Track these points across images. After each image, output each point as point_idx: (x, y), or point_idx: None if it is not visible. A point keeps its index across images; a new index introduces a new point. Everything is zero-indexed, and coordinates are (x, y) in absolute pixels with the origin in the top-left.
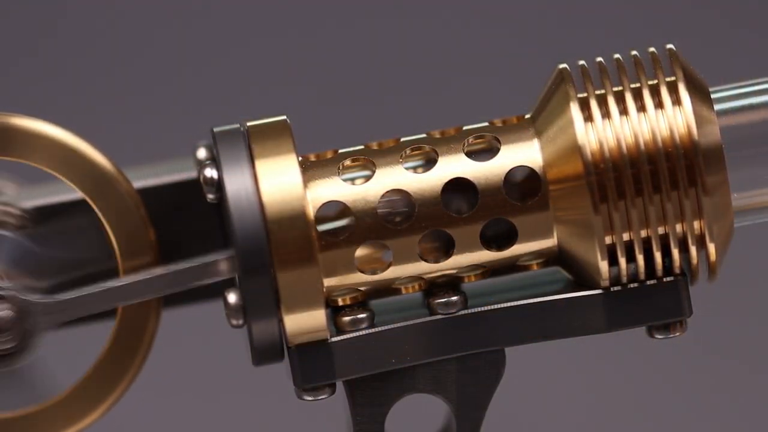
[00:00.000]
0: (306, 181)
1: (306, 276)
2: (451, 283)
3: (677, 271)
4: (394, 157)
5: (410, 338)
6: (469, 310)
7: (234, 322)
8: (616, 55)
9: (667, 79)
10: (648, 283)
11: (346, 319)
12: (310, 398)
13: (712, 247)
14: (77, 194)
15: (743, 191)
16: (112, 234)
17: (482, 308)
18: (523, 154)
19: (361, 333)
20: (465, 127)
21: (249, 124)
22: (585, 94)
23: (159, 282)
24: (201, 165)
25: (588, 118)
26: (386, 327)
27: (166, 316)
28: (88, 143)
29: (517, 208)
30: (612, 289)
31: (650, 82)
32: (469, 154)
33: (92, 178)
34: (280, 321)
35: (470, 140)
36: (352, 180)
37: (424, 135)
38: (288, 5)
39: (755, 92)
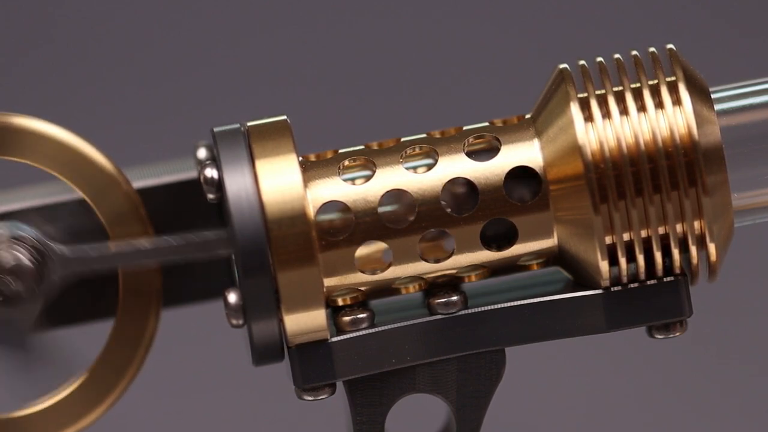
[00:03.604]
0: (306, 181)
1: (306, 276)
2: (451, 283)
3: (677, 271)
4: (394, 157)
5: (410, 338)
6: (469, 310)
7: (234, 322)
8: (616, 55)
9: (668, 79)
10: (648, 283)
11: (346, 319)
12: (310, 398)
13: (712, 247)
14: (77, 194)
15: (743, 191)
16: (112, 234)
17: (482, 308)
18: (524, 154)
19: (361, 333)
20: (465, 127)
21: (249, 124)
22: (585, 94)
23: (166, 249)
24: (201, 165)
25: (588, 118)
26: (386, 327)
27: (166, 316)
28: (88, 143)
29: (517, 208)
30: (612, 289)
31: (650, 82)
32: (470, 154)
33: (92, 178)
34: (280, 321)
35: (470, 140)
36: (353, 180)
37: (424, 135)
38: (288, 5)
39: (755, 92)
